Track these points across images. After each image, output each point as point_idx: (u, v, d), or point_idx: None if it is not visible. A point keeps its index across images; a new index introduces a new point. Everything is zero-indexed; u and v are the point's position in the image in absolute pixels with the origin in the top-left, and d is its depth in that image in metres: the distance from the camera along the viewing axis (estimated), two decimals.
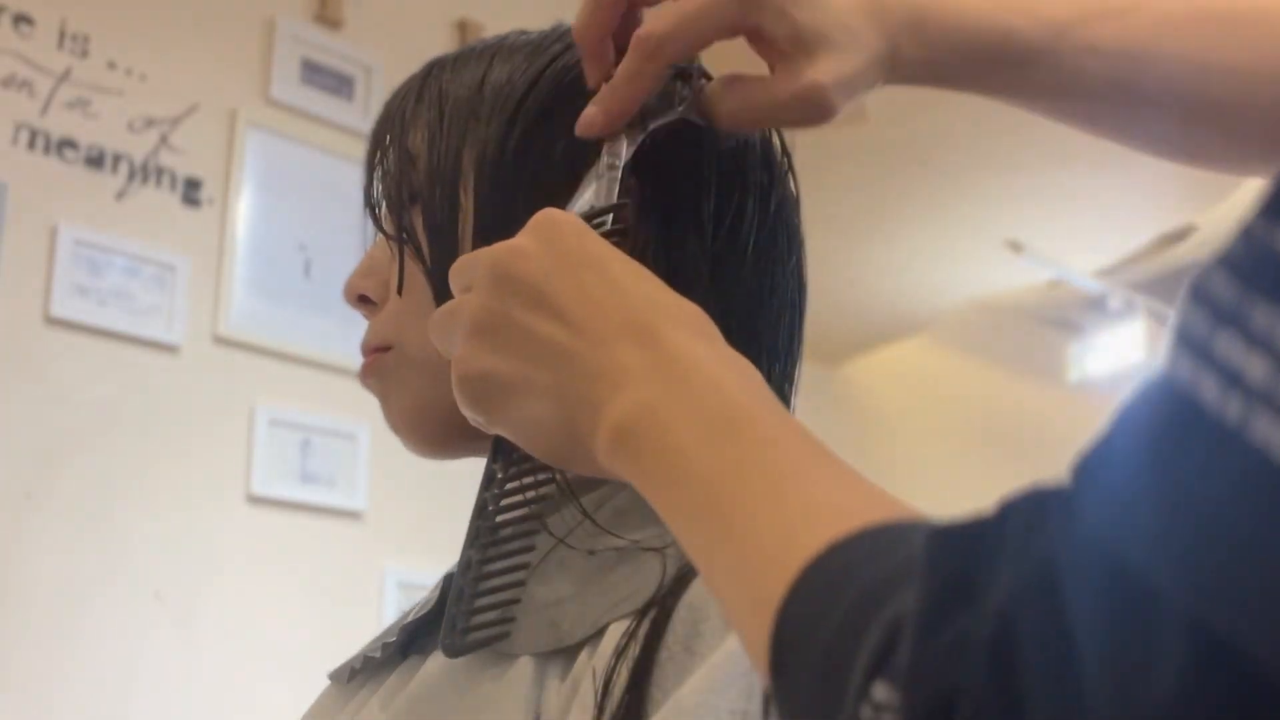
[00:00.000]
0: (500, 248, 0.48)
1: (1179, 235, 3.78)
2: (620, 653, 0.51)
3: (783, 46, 0.56)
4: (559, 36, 0.66)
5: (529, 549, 0.54)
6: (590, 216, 0.53)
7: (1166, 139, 0.64)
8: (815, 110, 0.56)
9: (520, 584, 0.54)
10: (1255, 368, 0.25)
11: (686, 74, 0.60)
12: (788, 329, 0.64)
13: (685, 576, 0.53)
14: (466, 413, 0.49)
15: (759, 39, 0.57)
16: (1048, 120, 0.65)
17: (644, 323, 0.44)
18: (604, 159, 0.57)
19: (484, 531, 0.54)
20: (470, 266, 0.50)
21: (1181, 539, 0.25)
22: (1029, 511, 0.29)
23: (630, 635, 0.52)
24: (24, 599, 1.74)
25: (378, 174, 0.66)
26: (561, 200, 0.58)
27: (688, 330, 0.44)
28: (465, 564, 0.54)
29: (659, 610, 0.52)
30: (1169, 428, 0.27)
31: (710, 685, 0.48)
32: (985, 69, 0.59)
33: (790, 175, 0.66)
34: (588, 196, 0.56)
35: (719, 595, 0.38)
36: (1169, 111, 0.60)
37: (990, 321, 4.28)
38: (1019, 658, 0.27)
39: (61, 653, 1.75)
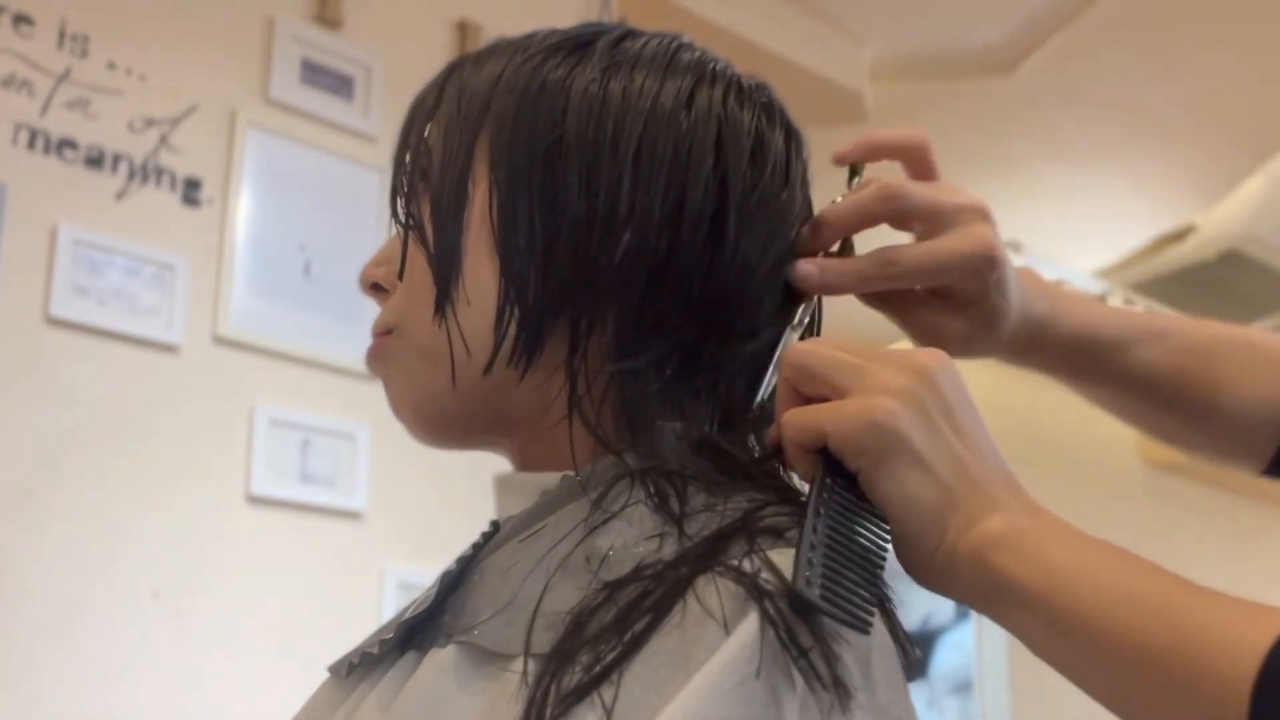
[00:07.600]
0: (924, 355, 0.57)
1: (1179, 235, 3.78)
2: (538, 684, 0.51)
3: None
4: (583, 30, 0.67)
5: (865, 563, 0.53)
6: None
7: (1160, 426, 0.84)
8: (985, 259, 0.68)
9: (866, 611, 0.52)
10: None
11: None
12: None
13: (674, 592, 0.52)
14: (854, 446, 0.54)
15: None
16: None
17: (1011, 478, 0.56)
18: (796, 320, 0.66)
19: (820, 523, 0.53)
20: (875, 353, 0.57)
21: None
22: None
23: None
24: (23, 597, 1.74)
25: (400, 169, 0.67)
26: (567, 194, 0.61)
27: (1027, 493, 0.56)
28: (811, 528, 0.52)
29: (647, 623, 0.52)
30: None
31: (709, 695, 0.48)
32: (1083, 354, 0.78)
33: None
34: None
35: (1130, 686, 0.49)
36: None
37: None
38: None
39: (60, 650, 1.75)
